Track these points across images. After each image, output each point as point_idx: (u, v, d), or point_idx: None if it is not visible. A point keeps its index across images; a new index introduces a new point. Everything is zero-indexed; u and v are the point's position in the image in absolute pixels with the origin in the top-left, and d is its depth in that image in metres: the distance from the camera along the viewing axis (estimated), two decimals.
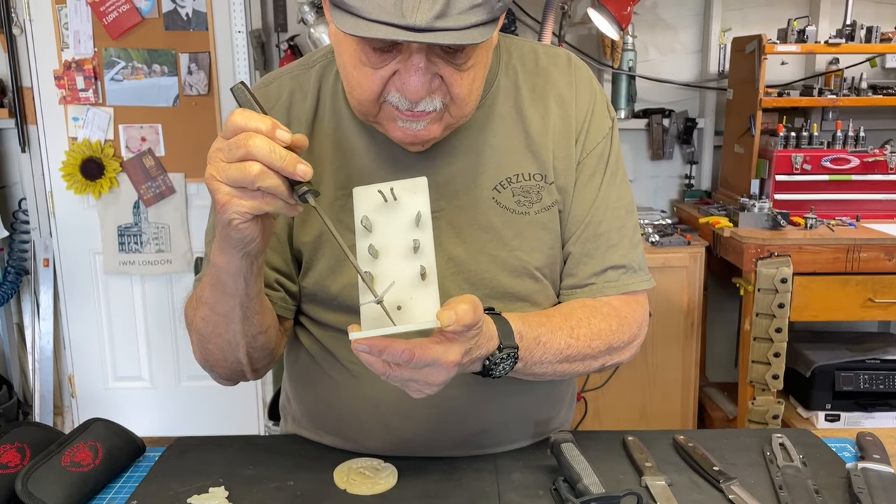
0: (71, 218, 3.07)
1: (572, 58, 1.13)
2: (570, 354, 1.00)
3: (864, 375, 2.47)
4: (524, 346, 0.94)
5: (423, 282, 0.85)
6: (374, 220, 0.88)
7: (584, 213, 1.09)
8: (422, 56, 0.87)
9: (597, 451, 1.06)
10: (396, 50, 0.88)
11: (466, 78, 0.92)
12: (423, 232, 0.86)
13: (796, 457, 1.04)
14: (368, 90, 0.92)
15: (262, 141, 0.78)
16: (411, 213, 0.87)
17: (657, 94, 3.08)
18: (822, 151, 2.58)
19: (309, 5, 2.68)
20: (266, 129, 0.79)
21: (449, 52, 0.89)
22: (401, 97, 0.91)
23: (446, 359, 0.82)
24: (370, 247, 0.86)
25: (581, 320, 1.03)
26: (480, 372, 0.91)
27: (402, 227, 0.87)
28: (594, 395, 2.61)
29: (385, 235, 0.87)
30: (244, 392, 3.18)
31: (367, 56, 0.90)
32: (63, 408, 3.29)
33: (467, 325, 0.82)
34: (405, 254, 0.86)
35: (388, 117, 0.95)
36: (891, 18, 2.96)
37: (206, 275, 0.98)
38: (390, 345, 0.80)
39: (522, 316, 0.98)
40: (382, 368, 0.82)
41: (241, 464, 1.06)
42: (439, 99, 0.92)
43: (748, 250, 2.33)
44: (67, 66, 2.92)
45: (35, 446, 1.03)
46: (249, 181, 0.79)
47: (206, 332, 1.01)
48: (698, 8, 3.04)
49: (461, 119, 0.98)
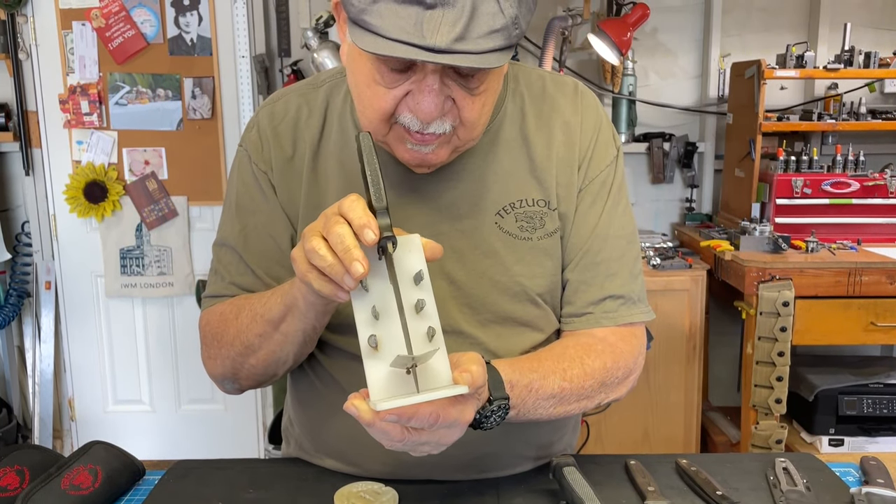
0: (73, 241, 3.08)
1: (579, 86, 1.13)
2: (563, 397, 0.99)
3: (868, 400, 2.46)
4: (515, 395, 0.92)
5: (430, 343, 0.82)
6: (370, 279, 0.82)
7: (584, 241, 1.09)
8: (436, 78, 0.88)
9: (599, 475, 1.05)
10: (411, 71, 0.89)
11: (478, 102, 0.93)
12: (424, 292, 0.84)
13: (800, 481, 1.03)
14: (381, 109, 0.93)
15: (342, 229, 0.78)
16: (409, 272, 0.84)
17: (658, 118, 3.10)
18: (822, 175, 2.59)
19: (312, 31, 2.71)
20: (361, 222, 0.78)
21: (463, 76, 0.90)
22: (412, 118, 0.92)
23: (463, 418, 0.83)
24: (373, 308, 0.82)
25: (574, 360, 1.01)
26: (471, 425, 0.89)
27: (402, 285, 0.83)
28: (596, 419, 2.60)
29: (385, 295, 0.83)
30: (244, 416, 3.17)
31: (383, 75, 0.90)
32: (62, 431, 3.27)
33: (480, 386, 0.83)
34: (409, 314, 0.82)
35: (397, 138, 0.96)
36: (889, 44, 2.98)
37: (271, 294, 0.99)
38: (418, 410, 0.79)
39: (513, 362, 0.96)
40: (401, 435, 0.81)
41: (242, 487, 1.06)
42: (449, 122, 0.93)
43: (749, 274, 2.33)
44: (72, 91, 2.95)
45: (34, 469, 1.03)
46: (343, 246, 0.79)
47: (257, 346, 1.01)
48: (697, 34, 3.07)
49: (468, 143, 0.99)
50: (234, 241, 1.10)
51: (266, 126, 1.11)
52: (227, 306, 1.06)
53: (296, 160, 1.09)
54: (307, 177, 1.08)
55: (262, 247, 1.09)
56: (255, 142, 1.11)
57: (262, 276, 1.09)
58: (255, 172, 1.10)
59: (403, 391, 0.80)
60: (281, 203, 1.09)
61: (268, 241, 1.09)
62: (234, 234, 1.11)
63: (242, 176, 1.11)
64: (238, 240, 1.10)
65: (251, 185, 1.10)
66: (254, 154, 1.10)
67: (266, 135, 1.10)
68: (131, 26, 2.90)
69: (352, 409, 0.79)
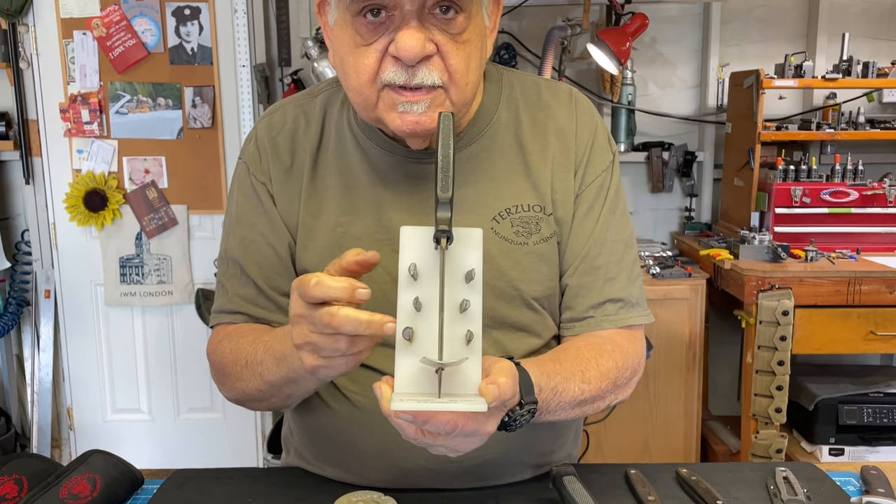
0: (73, 249, 3.08)
1: (574, 92, 1.14)
2: (583, 400, 0.99)
3: (868, 409, 2.46)
4: (542, 398, 0.91)
5: (466, 347, 0.78)
6: (421, 268, 0.79)
7: (582, 246, 1.09)
8: (414, 15, 0.89)
9: (599, 484, 1.05)
10: (390, 20, 0.90)
11: (462, 51, 0.93)
12: (473, 292, 0.79)
13: (800, 490, 1.03)
14: (364, 69, 0.93)
15: (347, 315, 0.75)
16: (461, 268, 0.79)
17: (657, 127, 3.11)
18: (821, 185, 2.59)
19: (312, 40, 2.72)
20: (346, 296, 0.76)
21: (443, 17, 0.91)
22: (397, 69, 0.91)
23: (484, 430, 0.82)
24: (416, 300, 0.78)
25: (590, 361, 1.01)
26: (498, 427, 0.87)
27: (451, 281, 0.78)
28: (596, 428, 2.59)
29: (431, 289, 0.78)
30: (243, 425, 3.16)
31: (361, 33, 0.91)
32: (61, 440, 3.26)
33: (507, 400, 0.81)
34: (451, 313, 0.78)
35: (387, 106, 0.95)
36: (887, 54, 2.99)
37: (263, 352, 0.96)
38: (435, 416, 0.77)
39: (540, 363, 0.96)
40: (415, 434, 0.80)
41: (241, 496, 1.05)
42: (437, 73, 0.92)
43: (749, 283, 2.33)
44: (73, 100, 2.95)
45: (33, 478, 1.02)
46: (342, 352, 0.79)
47: (259, 398, 1.02)
48: (696, 44, 3.08)
49: (461, 106, 0.98)
50: (235, 253, 1.11)
51: (264, 137, 1.11)
52: (228, 343, 1.05)
53: (294, 170, 1.09)
54: (306, 186, 1.08)
55: (262, 257, 1.09)
56: (253, 154, 1.12)
57: (263, 288, 1.09)
58: (255, 184, 1.10)
59: (427, 390, 0.78)
60: (280, 213, 1.09)
61: (267, 251, 1.09)
62: (234, 246, 1.11)
63: (242, 188, 1.12)
64: (238, 251, 1.10)
65: (251, 197, 1.11)
66: (252, 166, 1.11)
67: (264, 146, 1.11)
68: (132, 35, 2.91)
69: (377, 391, 0.78)
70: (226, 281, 1.12)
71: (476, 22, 0.95)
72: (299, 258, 1.08)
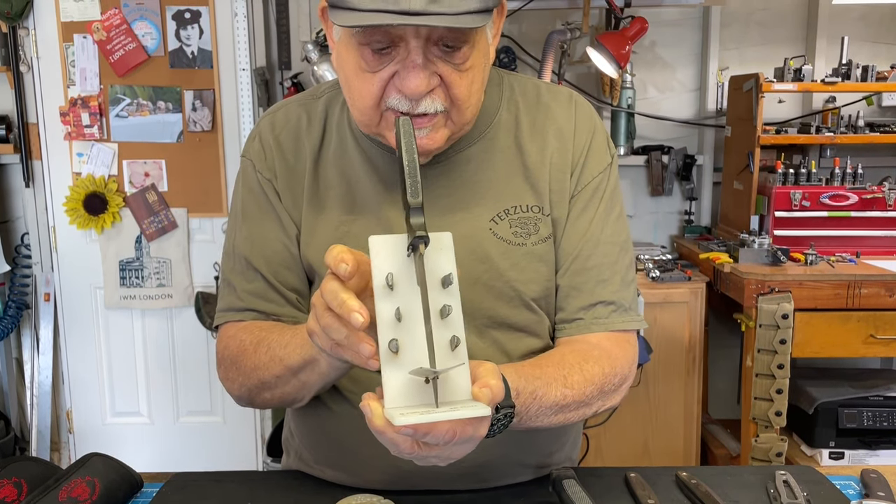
0: (73, 252, 3.08)
1: (574, 95, 1.14)
2: (565, 405, 0.98)
3: (868, 412, 2.46)
4: (520, 403, 0.91)
5: (452, 353, 0.78)
6: (397, 277, 0.78)
7: (574, 246, 1.09)
8: (419, 52, 0.89)
9: (599, 487, 1.05)
10: (395, 51, 0.91)
11: (465, 79, 0.94)
12: (452, 297, 0.79)
13: (800, 494, 1.03)
14: (369, 95, 0.94)
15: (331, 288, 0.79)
16: (436, 273, 0.78)
17: (656, 131, 3.11)
18: (820, 188, 2.59)
19: (312, 44, 2.72)
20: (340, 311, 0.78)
21: (447, 50, 0.91)
22: (401, 98, 0.92)
23: (478, 434, 0.81)
24: (397, 310, 0.77)
25: (573, 367, 1.00)
26: None
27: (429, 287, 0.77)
28: (596, 432, 2.59)
29: (411, 298, 0.77)
30: (243, 428, 3.15)
31: (367, 60, 0.92)
32: (60, 443, 3.26)
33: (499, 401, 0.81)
34: (434, 320, 0.77)
35: (389, 126, 0.96)
36: (886, 57, 3.00)
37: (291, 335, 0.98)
38: (435, 427, 0.76)
39: (518, 368, 0.95)
40: (410, 448, 0.78)
41: (240, 500, 1.05)
42: (440, 101, 0.94)
43: (749, 286, 2.33)
44: (73, 103, 2.95)
45: (32, 481, 1.02)
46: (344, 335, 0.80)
47: (273, 385, 1.02)
48: (696, 47, 3.08)
49: (463, 127, 0.99)
50: (242, 249, 1.11)
51: (268, 135, 1.12)
52: (246, 334, 1.06)
53: (297, 168, 1.10)
54: (308, 185, 1.09)
55: (270, 252, 1.10)
56: (258, 151, 1.12)
57: (272, 281, 1.09)
58: (261, 181, 1.11)
59: (420, 401, 0.76)
60: (286, 209, 1.10)
61: (276, 246, 1.10)
62: (241, 242, 1.11)
63: (248, 184, 1.13)
64: (246, 246, 1.11)
65: (257, 193, 1.11)
66: (258, 163, 1.12)
67: (268, 143, 1.11)
68: (132, 39, 2.92)
69: (366, 409, 0.77)
70: (233, 278, 1.12)
71: (480, 47, 0.96)
72: (304, 251, 1.09)
